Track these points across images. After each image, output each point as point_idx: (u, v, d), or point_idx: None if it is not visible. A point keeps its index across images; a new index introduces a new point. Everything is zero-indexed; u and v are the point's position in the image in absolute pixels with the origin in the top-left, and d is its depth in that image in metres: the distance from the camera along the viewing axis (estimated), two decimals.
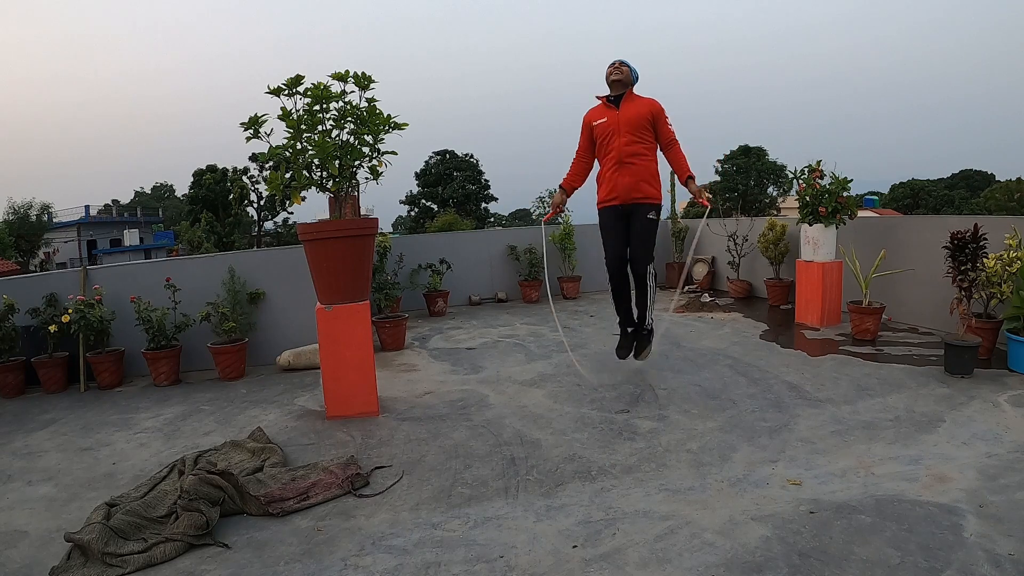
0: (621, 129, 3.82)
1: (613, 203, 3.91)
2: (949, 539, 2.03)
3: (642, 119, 3.81)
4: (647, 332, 4.07)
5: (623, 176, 3.83)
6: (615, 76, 3.88)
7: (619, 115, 3.85)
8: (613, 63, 3.92)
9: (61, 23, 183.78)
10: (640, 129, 3.82)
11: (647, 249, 3.88)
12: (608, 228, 3.97)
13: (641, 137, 3.83)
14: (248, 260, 5.16)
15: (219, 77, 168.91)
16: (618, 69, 3.88)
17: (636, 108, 3.83)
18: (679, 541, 2.11)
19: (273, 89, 3.32)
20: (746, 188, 30.51)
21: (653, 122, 3.84)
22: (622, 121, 3.83)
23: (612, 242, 3.95)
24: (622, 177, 3.83)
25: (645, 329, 4.06)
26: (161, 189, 61.59)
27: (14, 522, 2.55)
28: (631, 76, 3.89)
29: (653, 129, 3.86)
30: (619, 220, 3.93)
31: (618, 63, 3.90)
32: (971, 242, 3.96)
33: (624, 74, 3.87)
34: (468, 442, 3.11)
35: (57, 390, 4.56)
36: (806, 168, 5.31)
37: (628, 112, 3.83)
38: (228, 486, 2.51)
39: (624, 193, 3.85)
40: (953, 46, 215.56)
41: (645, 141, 3.85)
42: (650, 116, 3.82)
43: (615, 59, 3.94)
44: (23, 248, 32.36)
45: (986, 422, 2.99)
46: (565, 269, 7.57)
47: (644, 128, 3.83)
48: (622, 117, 3.83)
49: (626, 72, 3.87)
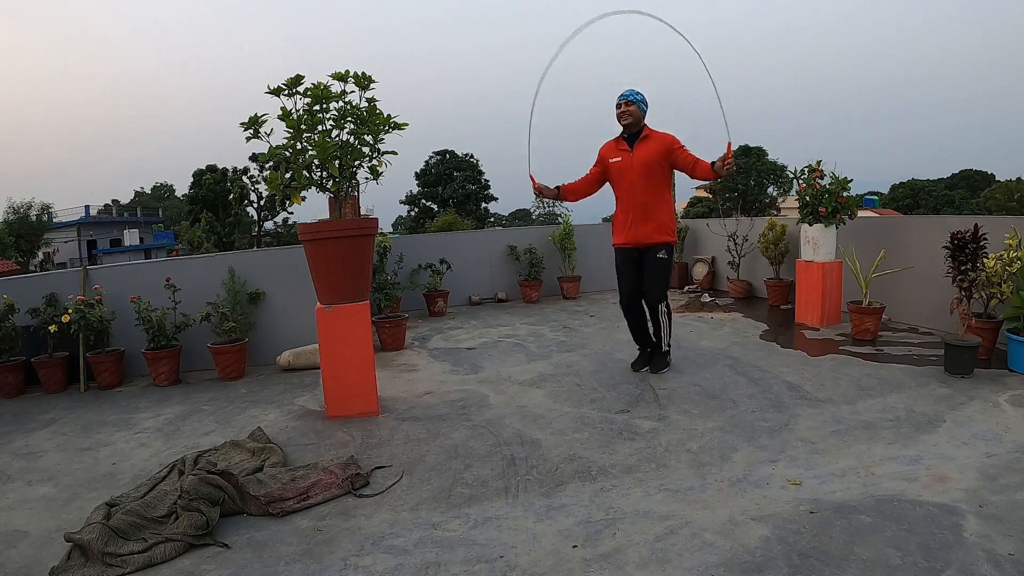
0: (636, 174, 3.82)
1: (628, 245, 3.97)
2: (949, 539, 2.03)
3: (658, 159, 3.79)
4: (664, 352, 4.10)
5: (640, 226, 3.87)
6: (625, 119, 3.83)
7: (633, 158, 3.82)
8: (619, 103, 3.84)
9: (62, 24, 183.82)
10: (655, 171, 3.81)
11: (660, 287, 3.92)
12: (622, 267, 4.04)
13: (657, 180, 3.83)
14: (248, 260, 5.16)
15: (219, 77, 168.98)
16: (626, 110, 3.81)
17: (650, 149, 3.79)
18: (679, 541, 2.11)
19: (273, 89, 3.32)
20: (746, 188, 30.50)
21: (670, 157, 3.80)
22: (636, 165, 3.81)
23: (625, 281, 4.02)
24: (639, 227, 3.88)
25: (661, 350, 4.11)
26: (161, 189, 61.59)
27: (14, 522, 2.55)
28: (640, 112, 3.83)
29: (671, 165, 3.83)
30: (633, 260, 3.99)
31: (623, 104, 3.82)
32: (971, 242, 3.96)
33: (633, 114, 3.81)
34: (468, 442, 3.11)
35: (57, 390, 4.56)
36: (806, 168, 5.31)
37: (642, 154, 3.80)
38: (228, 486, 2.51)
39: (638, 238, 3.91)
40: (953, 46, 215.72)
41: (661, 184, 3.86)
42: (666, 154, 3.79)
43: (620, 97, 3.84)
44: (23, 248, 32.36)
45: (986, 422, 2.99)
46: (565, 269, 7.57)
47: (660, 168, 3.81)
48: (636, 160, 3.81)
49: (634, 111, 3.80)
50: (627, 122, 3.83)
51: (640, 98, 3.84)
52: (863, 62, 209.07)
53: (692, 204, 30.78)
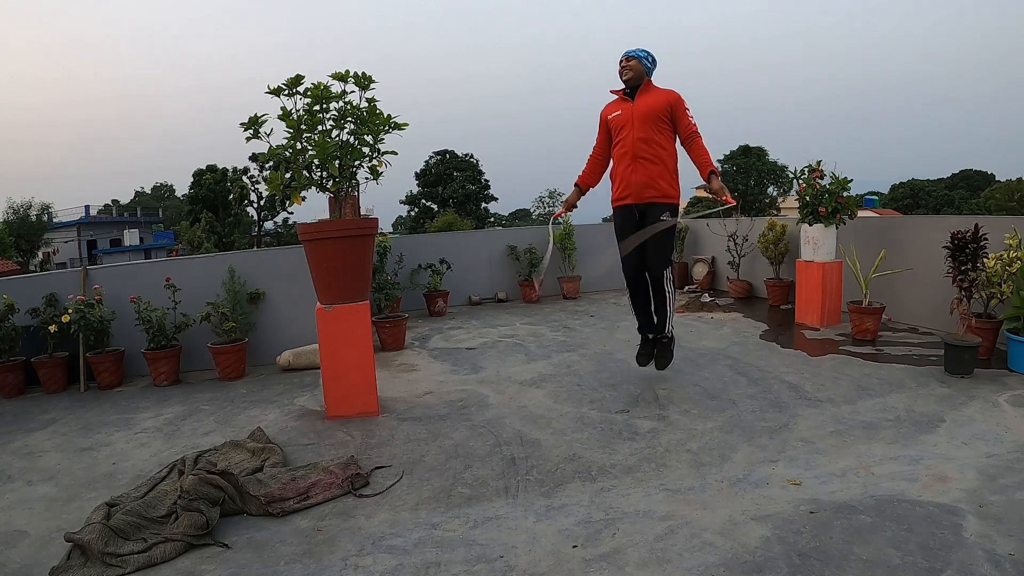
0: (635, 122, 3.61)
1: (626, 201, 3.71)
2: (949, 539, 2.03)
3: (658, 111, 3.58)
4: (667, 341, 3.86)
5: (636, 173, 3.62)
6: (625, 74, 3.68)
7: (634, 107, 3.64)
8: (621, 59, 3.70)
9: (62, 25, 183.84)
10: (656, 121, 3.59)
11: (664, 253, 3.68)
12: (622, 230, 3.76)
13: (657, 130, 3.60)
14: (248, 260, 5.16)
15: (219, 78, 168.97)
16: (627, 66, 3.67)
17: (653, 99, 3.61)
18: (679, 541, 2.11)
19: (273, 89, 3.32)
20: (746, 188, 30.51)
21: (671, 114, 3.60)
22: (636, 113, 3.61)
23: (626, 245, 3.71)
24: (635, 174, 3.62)
25: (665, 337, 3.86)
26: (161, 189, 61.61)
27: (14, 522, 2.55)
28: (642, 67, 3.66)
29: (671, 122, 3.62)
30: (633, 221, 3.72)
31: (625, 58, 3.68)
32: (971, 242, 3.96)
33: (634, 68, 3.65)
34: (468, 442, 3.11)
35: (57, 390, 4.56)
36: (806, 168, 5.31)
37: (643, 104, 3.62)
38: (228, 486, 2.51)
39: (637, 191, 3.64)
40: (953, 47, 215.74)
41: (662, 134, 3.61)
42: (667, 107, 3.59)
43: (623, 53, 3.71)
44: (23, 248, 32.35)
45: (986, 422, 2.99)
46: (565, 269, 7.57)
47: (660, 120, 3.60)
48: (636, 109, 3.62)
49: (635, 65, 3.65)
50: (628, 76, 3.66)
51: (644, 54, 3.68)
52: (863, 63, 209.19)
53: (692, 204, 30.79)
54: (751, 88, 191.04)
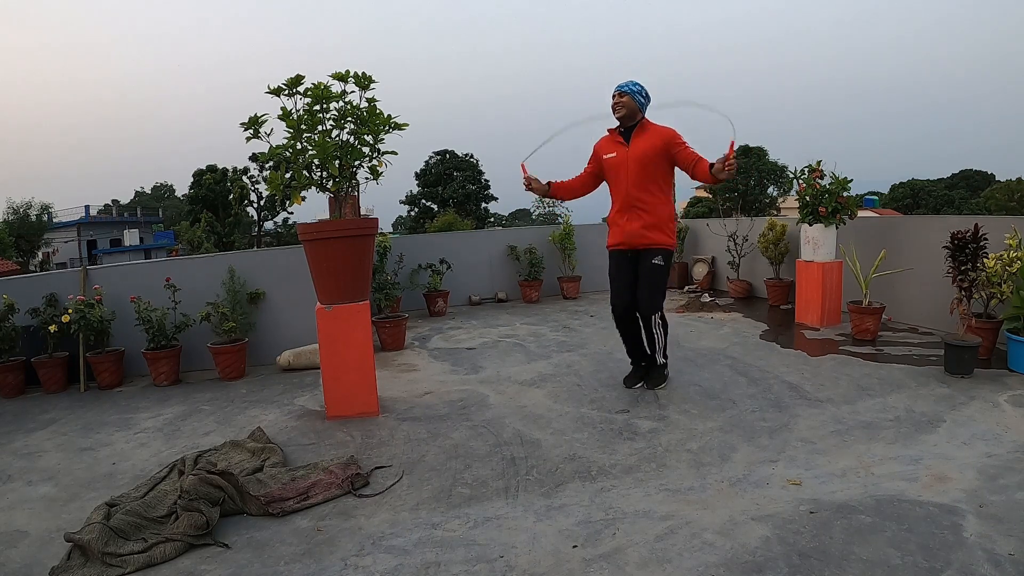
0: (630, 168, 3.53)
1: (620, 248, 3.69)
2: (949, 539, 2.03)
3: (655, 154, 3.49)
4: (659, 365, 3.80)
5: (631, 222, 3.58)
6: (619, 111, 3.54)
7: (629, 152, 3.54)
8: (613, 94, 3.56)
9: (63, 26, 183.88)
10: (652, 167, 3.51)
11: (654, 296, 3.60)
12: (614, 272, 3.74)
13: (653, 176, 3.54)
14: (248, 260, 5.16)
15: (219, 78, 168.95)
16: (619, 102, 3.53)
17: (647, 143, 3.50)
18: (679, 541, 2.11)
19: (273, 89, 3.32)
20: (746, 188, 30.50)
21: (669, 153, 3.50)
22: (631, 159, 3.52)
23: (618, 286, 3.73)
24: (630, 223, 3.58)
25: (657, 364, 3.80)
26: (161, 189, 61.61)
27: (14, 522, 2.55)
28: (635, 104, 3.51)
29: (670, 161, 3.53)
30: (626, 264, 3.69)
31: (617, 94, 3.54)
32: (971, 242, 3.96)
33: (627, 105, 3.51)
34: (468, 442, 3.11)
35: (57, 390, 4.56)
36: (806, 168, 5.31)
37: (638, 148, 3.51)
38: (228, 486, 2.51)
39: (631, 240, 3.61)
40: (953, 48, 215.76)
41: (657, 180, 3.56)
42: (664, 147, 3.49)
43: (616, 88, 3.56)
44: (23, 248, 32.35)
45: (986, 422, 2.99)
46: (565, 269, 7.57)
47: (657, 165, 3.51)
48: (631, 154, 3.52)
49: (627, 102, 3.51)
50: (621, 114, 3.54)
51: (637, 89, 3.54)
52: (863, 63, 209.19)
53: (692, 204, 30.79)
54: (751, 88, 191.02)
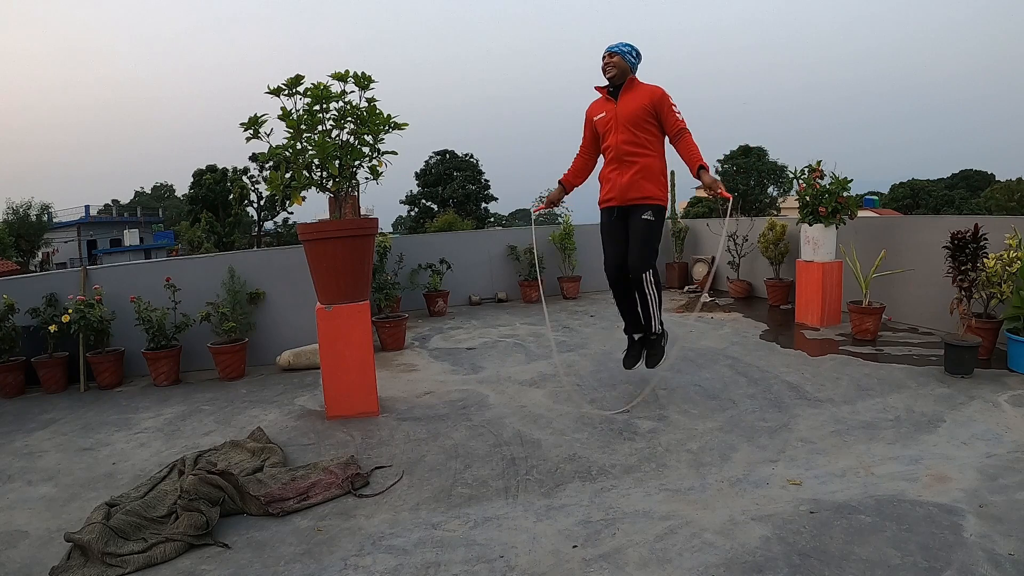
0: (619, 124, 3.51)
1: (611, 203, 3.63)
2: (949, 539, 2.03)
3: (643, 110, 3.47)
4: (656, 337, 3.69)
5: (621, 175, 3.54)
6: (609, 72, 3.55)
7: (617, 108, 3.53)
8: (604, 54, 3.57)
9: (63, 26, 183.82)
10: (640, 122, 3.48)
11: (644, 253, 3.51)
12: (606, 231, 3.69)
13: (642, 131, 3.49)
14: (248, 260, 5.16)
15: (219, 79, 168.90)
16: (610, 62, 3.54)
17: (636, 99, 3.49)
18: (679, 541, 2.11)
19: (273, 89, 3.32)
20: (746, 188, 30.51)
21: (656, 112, 3.47)
22: (620, 115, 3.51)
23: (610, 246, 3.67)
24: (620, 176, 3.54)
25: (653, 335, 3.68)
26: (161, 189, 61.58)
27: (14, 522, 2.55)
28: (626, 63, 3.53)
29: (657, 120, 3.50)
30: (617, 222, 3.63)
31: (608, 54, 3.55)
32: (971, 242, 3.96)
33: (618, 65, 3.52)
34: (468, 442, 3.11)
35: (57, 390, 4.56)
36: (806, 168, 5.31)
37: (627, 105, 3.51)
38: (228, 486, 2.51)
39: (621, 193, 3.55)
40: (954, 48, 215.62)
41: (647, 134, 3.51)
42: (652, 106, 3.47)
43: (606, 49, 3.57)
44: (23, 248, 32.35)
45: (986, 422, 2.99)
46: (565, 269, 7.57)
47: (645, 121, 3.48)
48: (620, 111, 3.51)
49: (618, 61, 3.52)
50: (611, 74, 3.53)
51: (627, 49, 3.54)
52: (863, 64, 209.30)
53: (692, 204, 30.78)
54: (751, 89, 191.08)
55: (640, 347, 3.81)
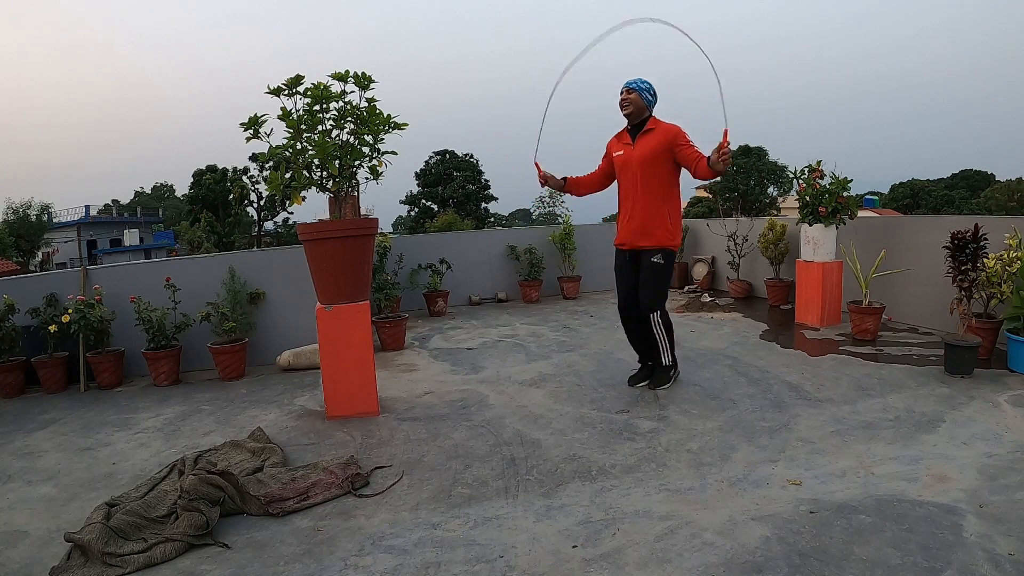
0: (634, 167, 3.61)
1: (624, 247, 3.78)
2: (949, 539, 2.03)
3: (657, 154, 3.54)
4: (665, 367, 3.81)
5: (632, 221, 3.66)
6: (625, 108, 3.60)
7: (634, 152, 3.61)
8: (621, 90, 3.62)
9: (63, 27, 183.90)
10: (654, 166, 3.56)
11: (653, 294, 3.65)
12: (618, 270, 3.85)
13: (656, 174, 3.58)
14: (248, 260, 5.16)
15: (219, 79, 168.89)
16: (626, 98, 3.59)
17: (652, 142, 3.56)
18: (679, 541, 2.11)
19: (273, 89, 3.32)
20: (746, 188, 30.51)
21: (672, 150, 3.53)
22: (635, 158, 3.60)
23: (621, 285, 3.83)
24: (631, 222, 3.67)
25: (662, 366, 3.81)
26: (161, 189, 61.60)
27: (14, 522, 2.55)
28: (642, 101, 3.57)
29: (674, 160, 3.56)
30: (628, 263, 3.78)
31: (625, 90, 3.60)
32: (971, 242, 3.96)
33: (634, 102, 3.57)
34: (468, 442, 3.11)
35: (57, 390, 4.56)
36: (806, 168, 5.31)
37: (642, 148, 3.58)
38: (228, 486, 2.51)
39: (632, 239, 3.69)
40: (954, 49, 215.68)
41: (660, 178, 3.59)
42: (667, 146, 3.53)
43: (624, 84, 3.62)
44: (23, 248, 32.35)
45: (986, 422, 2.99)
46: (565, 269, 7.58)
47: (659, 164, 3.56)
48: (636, 154, 3.60)
49: (635, 99, 3.56)
50: (627, 112, 3.60)
51: (644, 87, 3.59)
52: (864, 64, 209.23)
53: (692, 204, 30.78)
54: (751, 89, 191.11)
55: (649, 371, 3.93)
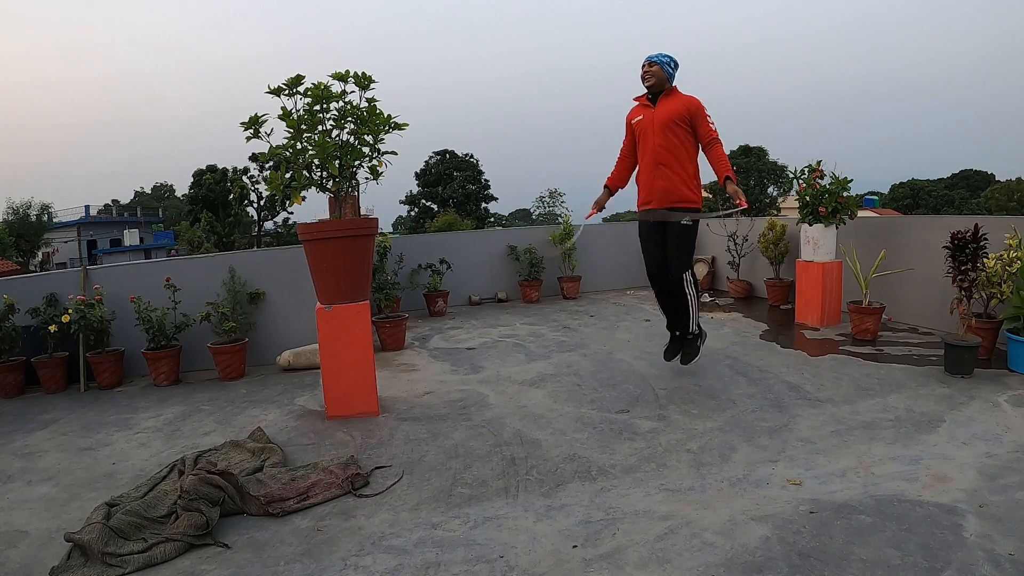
0: (656, 128, 3.71)
1: (649, 206, 3.82)
2: (949, 539, 2.03)
3: (678, 117, 3.68)
4: (692, 337, 3.93)
5: (658, 179, 3.74)
6: (647, 80, 3.76)
7: (655, 114, 3.74)
8: (643, 63, 3.78)
9: (63, 27, 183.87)
10: (675, 128, 3.69)
11: (682, 258, 3.77)
12: (645, 235, 3.91)
13: (677, 136, 3.70)
14: (248, 260, 5.16)
15: (219, 79, 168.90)
16: (648, 71, 3.75)
17: (673, 106, 3.70)
18: (679, 541, 2.11)
19: (273, 89, 3.32)
20: (746, 188, 30.53)
21: (691, 120, 3.69)
22: (657, 120, 3.72)
23: (650, 250, 3.89)
24: (657, 180, 3.74)
25: (690, 334, 3.93)
26: (161, 189, 61.58)
27: (14, 522, 2.55)
28: (664, 73, 3.73)
29: (692, 128, 3.71)
30: (656, 227, 3.84)
31: (647, 64, 3.76)
32: (971, 242, 3.96)
33: (656, 75, 3.73)
34: (468, 442, 3.11)
35: (57, 390, 4.56)
36: (806, 168, 5.31)
37: (663, 111, 3.71)
38: (228, 486, 2.51)
39: (659, 196, 3.75)
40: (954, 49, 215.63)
41: (682, 140, 3.71)
42: (687, 114, 3.68)
43: (646, 58, 3.78)
44: (23, 248, 32.35)
45: (986, 422, 2.99)
46: (565, 269, 7.57)
47: (680, 127, 3.69)
48: (657, 116, 3.72)
49: (657, 71, 3.73)
50: (650, 83, 3.75)
51: (666, 60, 3.75)
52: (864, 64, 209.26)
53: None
54: (751, 89, 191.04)
55: (679, 343, 4.04)
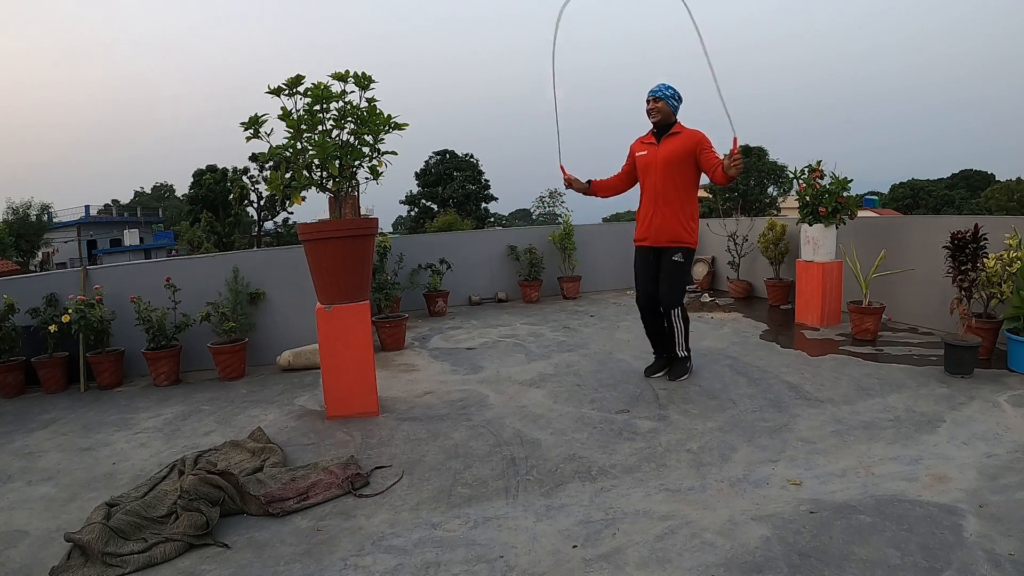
0: (658, 167, 3.77)
1: (645, 243, 3.90)
2: (949, 539, 2.03)
3: (681, 156, 3.71)
4: (681, 359, 3.96)
5: (655, 218, 3.81)
6: (653, 117, 3.80)
7: (658, 152, 3.78)
8: (647, 99, 3.80)
9: (64, 27, 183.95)
10: (677, 167, 3.73)
11: (673, 290, 3.83)
12: (638, 267, 3.98)
13: (679, 175, 3.74)
14: (248, 260, 5.16)
15: (219, 79, 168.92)
16: (654, 107, 3.77)
17: (677, 144, 3.73)
18: (679, 541, 2.11)
19: (273, 89, 3.32)
20: (746, 188, 30.51)
21: (695, 155, 3.71)
22: (660, 159, 3.76)
23: (641, 281, 3.96)
24: (654, 219, 3.82)
25: (678, 356, 3.96)
26: (161, 189, 61.58)
27: (14, 522, 2.55)
28: (669, 108, 3.76)
29: (696, 163, 3.73)
30: (649, 260, 3.91)
31: (652, 99, 3.78)
32: (971, 242, 3.96)
33: (661, 110, 3.76)
34: (468, 442, 3.11)
35: (57, 390, 4.56)
36: (806, 168, 5.31)
37: (667, 150, 3.75)
38: (228, 486, 2.51)
39: (654, 235, 3.84)
40: (954, 49, 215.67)
41: (683, 179, 3.76)
42: (690, 151, 3.71)
43: (650, 93, 3.79)
44: (23, 248, 32.34)
45: (986, 422, 2.99)
46: (565, 269, 7.57)
47: (683, 165, 3.73)
48: (660, 154, 3.76)
49: (662, 107, 3.75)
50: (656, 119, 3.80)
51: (670, 94, 3.78)
52: (864, 64, 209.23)
53: None
54: (752, 89, 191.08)
55: (664, 362, 4.07)
